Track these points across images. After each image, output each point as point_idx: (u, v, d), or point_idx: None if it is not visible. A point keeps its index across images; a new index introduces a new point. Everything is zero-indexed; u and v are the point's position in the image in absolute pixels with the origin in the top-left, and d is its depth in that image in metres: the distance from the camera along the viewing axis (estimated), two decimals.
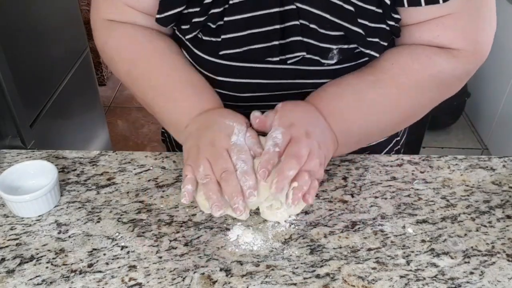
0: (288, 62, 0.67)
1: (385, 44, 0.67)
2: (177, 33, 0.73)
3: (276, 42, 0.65)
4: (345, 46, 0.66)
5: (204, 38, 0.68)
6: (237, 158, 0.59)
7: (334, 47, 0.65)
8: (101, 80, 2.80)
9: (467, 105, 2.49)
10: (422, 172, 0.74)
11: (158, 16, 0.69)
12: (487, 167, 0.76)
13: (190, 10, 0.67)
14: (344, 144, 0.66)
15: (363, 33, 0.64)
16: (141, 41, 0.71)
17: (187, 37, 0.69)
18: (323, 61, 0.66)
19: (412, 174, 0.74)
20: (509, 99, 2.19)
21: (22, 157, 0.77)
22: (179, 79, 0.69)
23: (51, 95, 1.53)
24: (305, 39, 0.65)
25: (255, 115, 0.64)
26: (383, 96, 0.66)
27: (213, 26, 0.66)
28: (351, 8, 0.62)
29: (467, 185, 0.72)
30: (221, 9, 0.64)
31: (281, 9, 0.63)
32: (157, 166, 0.75)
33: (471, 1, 0.64)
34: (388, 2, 0.63)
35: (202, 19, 0.66)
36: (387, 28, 0.66)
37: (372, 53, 0.66)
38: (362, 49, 0.66)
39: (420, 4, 0.62)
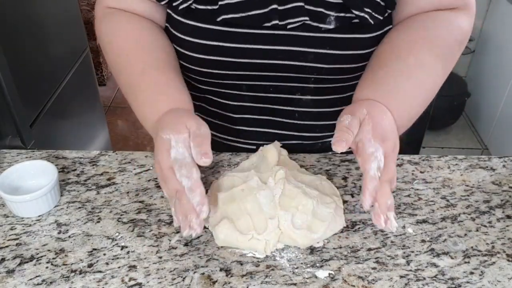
0: (288, 27, 0.67)
1: (380, 17, 0.68)
2: (168, 11, 0.73)
3: (274, 6, 0.65)
4: (342, 14, 0.67)
5: (199, 7, 0.68)
6: (180, 175, 0.57)
7: (332, 13, 0.66)
8: (101, 80, 2.80)
9: (467, 105, 2.49)
10: (422, 172, 0.74)
11: None
12: (487, 167, 0.76)
13: None
14: (402, 131, 0.67)
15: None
16: (128, 30, 0.72)
17: (181, 7, 0.68)
18: (321, 26, 0.67)
19: (412, 174, 0.74)
20: (509, 99, 2.19)
21: (22, 157, 0.77)
22: (148, 80, 0.68)
23: (51, 95, 1.53)
24: (306, 5, 0.66)
25: (341, 143, 0.57)
26: (429, 75, 0.67)
27: None
28: None
29: (467, 185, 0.72)
30: None
31: None
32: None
33: None
34: None
35: None
36: (381, 2, 0.67)
37: (367, 17, 0.67)
38: (356, 13, 0.66)
39: None
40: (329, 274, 0.58)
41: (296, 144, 0.82)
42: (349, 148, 0.58)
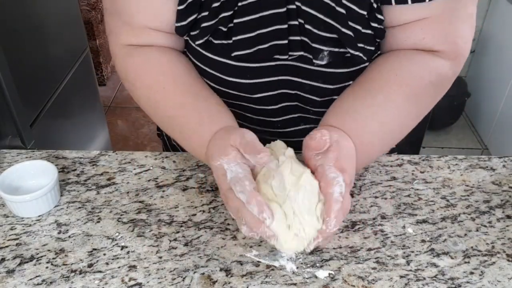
0: (289, 59, 0.69)
1: (372, 48, 0.68)
2: (187, 39, 0.73)
3: (285, 41, 0.66)
4: (336, 50, 0.67)
5: (215, 41, 0.69)
6: (236, 192, 0.57)
7: (325, 48, 0.67)
8: (101, 80, 2.80)
9: (467, 105, 2.49)
10: (422, 172, 0.74)
11: (177, 24, 0.68)
12: (487, 167, 0.76)
13: (199, 15, 0.67)
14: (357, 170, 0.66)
15: (353, 35, 0.65)
16: (159, 64, 0.70)
17: (198, 42, 0.69)
18: (314, 61, 0.68)
19: (412, 174, 0.74)
20: (509, 99, 2.19)
21: (22, 157, 0.77)
22: (191, 108, 0.68)
23: (51, 95, 1.53)
24: (303, 38, 0.67)
25: (315, 136, 0.59)
26: (396, 115, 0.66)
27: (224, 29, 0.67)
28: (343, 11, 0.64)
29: (467, 185, 0.72)
30: (231, 12, 0.65)
31: (285, 8, 0.65)
32: (157, 166, 0.75)
33: (452, 3, 0.65)
34: (375, 5, 0.64)
35: (211, 23, 0.66)
36: (371, 32, 0.67)
37: (361, 55, 0.67)
38: (351, 51, 0.66)
39: (406, 2, 0.64)
40: (329, 274, 0.58)
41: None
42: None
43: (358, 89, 0.68)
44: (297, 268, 0.58)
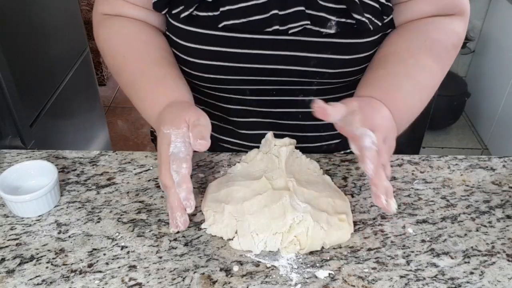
0: (290, 32, 0.68)
1: (379, 23, 0.70)
2: (168, 18, 0.73)
3: (274, 12, 0.66)
4: (343, 20, 0.67)
5: (200, 14, 0.68)
6: (171, 170, 0.58)
7: (333, 18, 0.67)
8: (101, 80, 2.80)
9: (467, 105, 2.49)
10: (422, 172, 0.74)
11: (154, 0, 0.70)
12: (487, 167, 0.76)
13: None
14: (401, 130, 0.68)
15: (359, 2, 0.67)
16: (123, 34, 0.74)
17: (182, 15, 0.69)
18: (322, 30, 0.68)
19: (412, 174, 0.74)
20: (509, 99, 2.19)
21: (22, 157, 0.77)
22: (150, 75, 0.70)
23: (51, 95, 1.53)
24: (307, 10, 0.66)
25: (319, 107, 0.59)
26: (428, 75, 0.70)
27: (209, 0, 0.67)
28: None
29: (467, 185, 0.72)
30: None
31: None
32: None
33: None
34: None
35: None
36: (378, 7, 0.69)
37: (367, 22, 0.68)
38: (357, 17, 0.67)
39: None
40: (329, 274, 0.58)
41: (302, 147, 0.82)
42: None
43: (390, 59, 0.70)
44: (297, 268, 0.58)
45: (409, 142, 2.04)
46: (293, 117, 0.80)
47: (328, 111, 0.59)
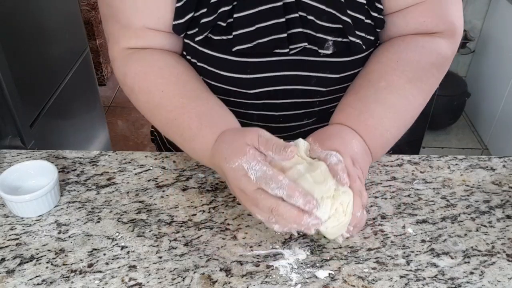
0: (291, 53, 0.69)
1: (372, 38, 0.70)
2: (185, 40, 0.72)
3: (282, 35, 0.67)
4: (339, 39, 0.68)
5: (215, 37, 0.69)
6: (271, 189, 0.55)
7: (330, 38, 0.68)
8: (101, 80, 2.80)
9: (467, 105, 2.49)
10: (422, 172, 0.74)
11: (174, 22, 0.68)
12: (487, 167, 0.76)
13: (198, 12, 0.67)
14: (377, 158, 0.67)
15: (352, 24, 0.67)
16: (158, 67, 0.70)
17: (197, 39, 0.69)
18: (320, 51, 0.68)
19: (412, 174, 0.74)
20: (509, 99, 2.19)
21: (22, 157, 0.77)
22: (192, 110, 0.66)
23: (51, 95, 1.53)
24: (305, 30, 0.67)
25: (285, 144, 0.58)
26: (401, 97, 0.67)
27: (224, 24, 0.67)
28: (342, 0, 0.66)
29: (467, 185, 0.72)
30: (230, 6, 0.66)
31: (283, 2, 0.65)
32: (157, 166, 0.75)
33: None
34: None
35: (211, 18, 0.66)
36: (371, 22, 0.69)
37: (360, 43, 0.68)
38: (352, 39, 0.67)
39: None
40: (329, 274, 0.58)
41: None
42: None
43: (361, 83, 0.69)
44: (297, 268, 0.58)
45: (409, 142, 2.04)
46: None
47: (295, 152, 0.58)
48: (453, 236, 0.63)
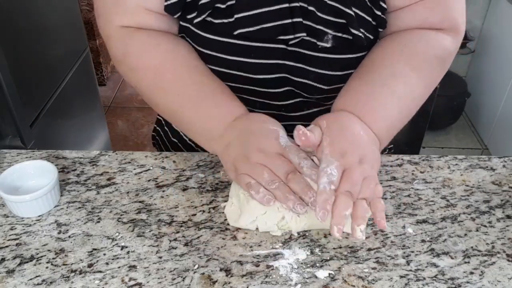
0: (290, 43, 0.68)
1: (371, 37, 0.70)
2: (183, 23, 0.72)
3: (288, 20, 0.66)
4: (339, 34, 0.68)
5: (215, 20, 0.68)
6: (298, 157, 0.59)
7: (330, 32, 0.67)
8: (101, 80, 2.80)
9: (467, 105, 2.49)
10: (422, 172, 0.74)
11: (166, 3, 0.68)
12: (487, 167, 0.76)
13: None
14: (385, 142, 0.67)
15: (354, 16, 0.67)
16: (164, 47, 0.70)
17: (196, 21, 0.68)
18: (318, 43, 0.68)
19: (412, 174, 0.74)
20: (509, 99, 2.19)
21: (22, 157, 0.77)
22: (208, 87, 0.68)
23: (51, 95, 1.53)
24: (304, 21, 0.67)
25: (301, 131, 0.59)
26: (406, 84, 0.67)
27: (223, 6, 0.66)
28: None
29: (467, 185, 0.72)
30: None
31: None
32: (157, 166, 0.75)
33: None
34: None
35: (209, 0, 0.66)
36: (373, 22, 0.69)
37: (362, 37, 0.68)
38: (353, 31, 0.67)
39: None
40: (329, 274, 0.58)
41: None
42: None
43: (365, 70, 0.69)
44: (297, 268, 0.58)
45: (409, 142, 2.04)
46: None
47: (308, 136, 0.59)
48: (453, 236, 0.63)
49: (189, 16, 0.69)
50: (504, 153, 2.18)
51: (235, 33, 0.67)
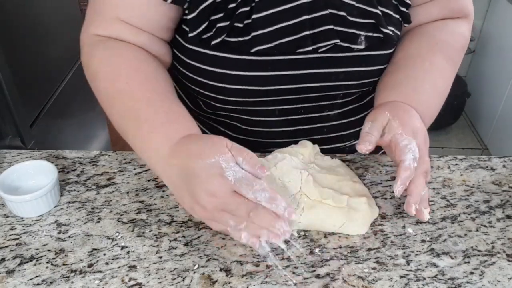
0: (320, 50, 0.68)
1: (399, 33, 0.73)
2: (189, 45, 0.70)
3: (306, 32, 0.66)
4: (370, 34, 0.69)
5: (231, 39, 0.66)
6: (253, 192, 0.53)
7: (362, 33, 0.68)
8: None
9: (467, 105, 2.49)
10: None
11: (190, 35, 0.66)
12: (487, 167, 0.76)
13: (213, 17, 0.65)
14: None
15: (383, 17, 0.69)
16: (131, 57, 0.67)
17: (213, 42, 0.66)
18: (353, 46, 0.69)
19: None
20: (509, 99, 2.19)
21: (22, 157, 0.77)
22: (160, 106, 0.63)
23: (51, 95, 1.53)
24: (336, 27, 0.67)
25: (364, 148, 0.63)
26: (442, 77, 0.73)
27: (241, 26, 0.65)
28: None
29: (467, 185, 0.72)
30: (248, 8, 0.64)
31: (309, 0, 0.65)
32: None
33: None
34: None
35: (227, 23, 0.65)
36: (399, 18, 0.72)
37: (392, 35, 0.70)
38: (384, 30, 0.69)
39: None
40: (329, 274, 0.58)
41: (324, 149, 0.81)
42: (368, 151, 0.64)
43: (405, 62, 0.73)
44: (297, 268, 0.58)
45: None
46: (319, 132, 0.81)
47: (372, 141, 0.63)
48: (453, 236, 0.63)
49: (204, 37, 0.67)
50: (504, 153, 2.18)
51: (253, 50, 0.66)
